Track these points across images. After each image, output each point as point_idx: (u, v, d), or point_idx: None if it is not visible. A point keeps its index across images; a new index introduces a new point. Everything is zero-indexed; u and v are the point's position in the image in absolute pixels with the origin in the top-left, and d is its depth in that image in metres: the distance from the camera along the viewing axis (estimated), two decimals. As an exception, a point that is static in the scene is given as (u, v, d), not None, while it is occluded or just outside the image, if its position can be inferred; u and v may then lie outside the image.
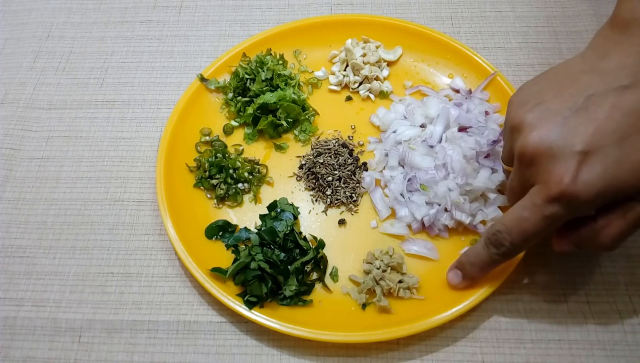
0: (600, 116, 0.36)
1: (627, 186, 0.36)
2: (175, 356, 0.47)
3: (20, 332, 0.48)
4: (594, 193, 0.36)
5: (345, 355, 0.46)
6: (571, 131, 0.37)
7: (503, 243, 0.41)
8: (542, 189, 0.37)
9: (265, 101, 0.56)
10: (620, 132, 0.36)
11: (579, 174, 0.36)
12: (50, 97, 0.62)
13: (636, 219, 0.38)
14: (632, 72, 0.37)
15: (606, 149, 0.36)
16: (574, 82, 0.39)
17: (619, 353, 0.45)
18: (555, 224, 0.39)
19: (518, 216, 0.39)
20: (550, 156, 0.37)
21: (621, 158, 0.36)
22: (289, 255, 0.48)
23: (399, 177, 0.52)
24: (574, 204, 0.37)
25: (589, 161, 0.36)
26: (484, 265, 0.43)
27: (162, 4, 0.69)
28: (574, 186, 0.36)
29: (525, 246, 0.41)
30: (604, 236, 0.39)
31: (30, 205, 0.55)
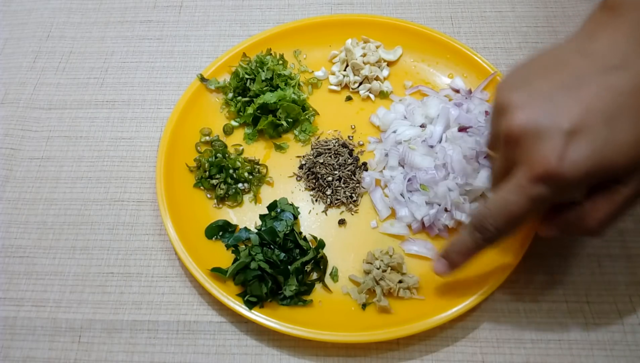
0: (588, 95, 0.36)
1: (615, 166, 0.35)
2: (175, 356, 0.47)
3: (20, 332, 0.48)
4: (581, 173, 0.35)
5: (345, 355, 0.46)
6: (559, 110, 0.36)
7: (488, 228, 0.40)
8: (528, 169, 0.36)
9: (265, 101, 0.56)
10: (609, 112, 0.35)
11: (565, 153, 0.35)
12: (50, 97, 0.62)
13: (623, 202, 0.37)
14: (620, 53, 0.36)
15: (594, 128, 0.35)
16: (563, 64, 0.38)
17: (619, 353, 0.45)
18: (540, 207, 0.38)
19: (502, 199, 0.38)
20: (536, 135, 0.36)
21: (610, 137, 0.35)
22: (289, 255, 0.48)
23: (399, 177, 0.52)
24: (560, 185, 0.36)
25: (576, 140, 0.35)
26: (469, 251, 0.42)
27: (162, 4, 0.69)
28: (561, 165, 0.35)
29: (511, 231, 0.40)
30: (590, 220, 0.38)
31: (30, 205, 0.55)
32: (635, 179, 0.37)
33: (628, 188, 0.37)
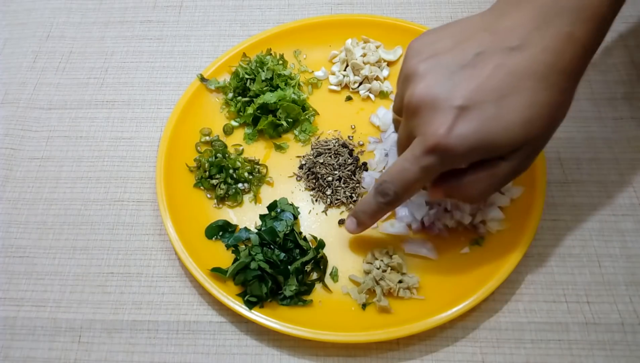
0: (483, 73, 0.37)
1: (498, 143, 0.37)
2: (175, 356, 0.47)
3: (20, 332, 0.48)
4: (467, 147, 0.37)
5: (345, 355, 0.46)
6: (455, 85, 0.37)
7: (388, 192, 0.42)
8: (421, 140, 0.38)
9: (265, 101, 0.56)
10: (499, 90, 0.37)
11: (454, 127, 0.37)
12: (50, 97, 0.62)
13: (502, 177, 0.40)
14: (522, 34, 0.37)
15: (483, 105, 0.37)
16: (469, 38, 0.39)
17: (619, 353, 0.45)
18: (432, 175, 0.40)
19: (400, 166, 0.41)
20: (432, 108, 0.38)
21: (496, 115, 0.37)
22: (289, 255, 0.48)
23: (399, 177, 0.52)
24: (447, 156, 0.38)
25: (465, 115, 0.37)
26: (373, 212, 0.45)
27: (162, 4, 0.69)
28: (448, 138, 0.37)
29: (408, 195, 0.43)
30: (471, 189, 0.40)
31: (30, 205, 0.55)
32: (516, 157, 0.39)
33: (509, 163, 0.39)
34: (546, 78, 0.37)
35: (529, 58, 0.37)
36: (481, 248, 0.49)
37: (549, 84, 0.37)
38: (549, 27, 0.37)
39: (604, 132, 0.56)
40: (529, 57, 0.37)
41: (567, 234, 0.50)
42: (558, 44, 0.37)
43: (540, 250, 0.50)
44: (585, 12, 0.37)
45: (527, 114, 0.37)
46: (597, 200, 0.52)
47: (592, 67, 0.60)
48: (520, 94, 0.37)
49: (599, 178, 0.53)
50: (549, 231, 0.51)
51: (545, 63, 0.37)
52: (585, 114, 0.57)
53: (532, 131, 0.38)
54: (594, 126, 0.56)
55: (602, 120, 0.57)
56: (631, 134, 0.55)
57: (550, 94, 0.37)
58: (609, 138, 0.55)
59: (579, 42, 0.37)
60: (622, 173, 0.53)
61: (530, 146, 0.39)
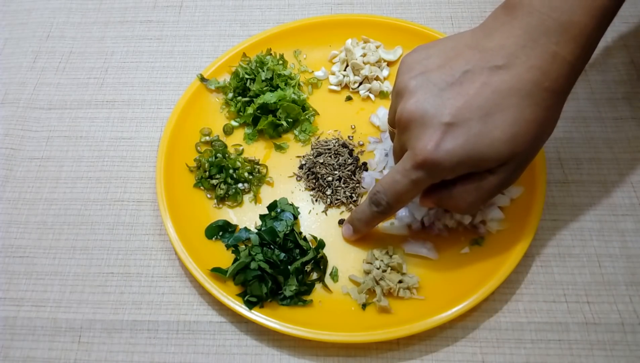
0: (470, 91, 0.39)
1: (484, 158, 0.39)
2: (175, 356, 0.47)
3: (20, 332, 0.48)
4: (454, 162, 0.39)
5: (345, 355, 0.46)
6: (443, 102, 0.39)
7: (381, 202, 0.44)
8: (411, 155, 0.40)
9: (265, 101, 0.56)
10: (485, 108, 0.38)
11: (441, 143, 0.39)
12: (50, 97, 0.62)
13: (489, 189, 0.41)
14: (507, 54, 0.38)
15: (470, 123, 0.38)
16: (458, 56, 0.40)
17: (619, 353, 0.45)
18: (421, 187, 0.42)
19: (392, 178, 0.43)
20: (421, 123, 0.40)
21: (482, 132, 0.38)
22: (289, 255, 0.48)
23: (399, 177, 0.52)
24: (435, 170, 0.40)
25: (452, 132, 0.38)
26: (368, 220, 0.47)
27: (162, 4, 0.69)
28: (436, 153, 0.39)
29: (400, 205, 0.45)
30: (460, 200, 0.42)
31: (30, 205, 0.55)
32: (502, 171, 0.40)
33: (495, 177, 0.41)
34: (531, 96, 0.38)
35: (514, 76, 0.38)
36: (481, 248, 0.49)
37: (534, 102, 0.38)
38: (535, 46, 0.38)
39: (604, 132, 0.56)
40: (514, 76, 0.38)
41: (567, 234, 0.50)
42: (544, 63, 0.38)
43: (540, 250, 0.50)
44: (571, 32, 0.37)
45: (512, 131, 0.38)
46: (597, 200, 0.52)
47: (592, 67, 0.60)
48: (505, 111, 0.38)
49: (599, 178, 0.53)
50: (549, 231, 0.51)
51: (530, 81, 0.38)
52: (585, 114, 0.57)
53: (517, 147, 0.39)
54: (594, 126, 0.56)
55: (602, 120, 0.57)
56: (631, 134, 0.55)
57: (535, 111, 0.38)
58: (609, 138, 0.55)
59: (564, 60, 0.38)
60: (622, 173, 0.53)
61: (516, 161, 0.40)
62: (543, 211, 0.49)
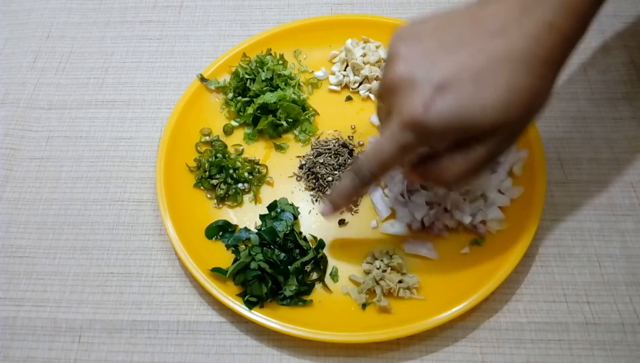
0: (464, 57, 0.38)
1: (475, 123, 0.38)
2: (175, 356, 0.47)
3: (20, 332, 0.48)
4: (443, 124, 0.37)
5: (345, 355, 0.46)
6: (435, 65, 0.38)
7: (364, 171, 0.42)
8: (399, 117, 0.39)
9: (265, 101, 0.56)
10: (479, 72, 0.37)
11: (432, 104, 0.37)
12: (50, 97, 0.62)
13: (477, 160, 0.40)
14: (503, 22, 0.38)
15: (462, 86, 0.37)
16: (452, 25, 0.40)
17: (619, 353, 0.45)
18: (407, 153, 0.40)
19: (377, 146, 0.41)
20: (410, 85, 0.38)
21: (474, 95, 0.37)
22: (289, 255, 0.48)
23: (399, 177, 0.52)
24: (423, 133, 0.38)
25: (444, 93, 0.37)
26: (349, 194, 0.45)
27: (162, 4, 0.69)
28: (426, 114, 0.37)
29: (383, 173, 0.42)
30: (447, 172, 0.41)
31: (30, 205, 0.55)
32: (492, 141, 0.39)
33: (484, 148, 0.39)
34: (526, 63, 0.38)
35: (509, 44, 0.38)
36: (481, 248, 0.49)
37: (528, 70, 0.38)
38: (530, 15, 0.38)
39: (604, 132, 0.56)
40: (509, 43, 0.38)
41: (567, 234, 0.50)
42: (538, 32, 0.37)
43: (540, 250, 0.50)
44: (567, 3, 0.38)
45: (505, 97, 0.37)
46: (597, 200, 0.52)
47: (592, 67, 0.60)
48: (499, 76, 0.37)
49: (599, 178, 0.53)
50: (549, 231, 0.51)
51: (525, 49, 0.37)
52: (585, 114, 0.57)
53: (510, 113, 0.38)
54: (594, 126, 0.56)
55: (602, 120, 0.57)
56: (631, 134, 0.55)
57: (529, 79, 0.38)
58: (609, 138, 0.55)
59: (559, 31, 0.38)
60: (622, 173, 0.53)
61: (507, 130, 0.39)
62: (543, 211, 0.49)
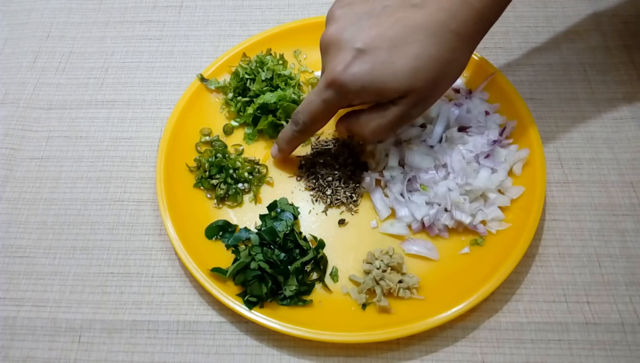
0: (385, 24, 0.42)
1: (386, 87, 0.42)
2: (175, 356, 0.47)
3: (20, 332, 0.48)
4: (358, 85, 0.43)
5: (345, 355, 0.46)
6: (359, 31, 0.43)
7: (299, 121, 0.48)
8: (324, 76, 0.44)
9: (265, 101, 0.56)
10: (394, 40, 0.42)
11: (349, 66, 0.42)
12: (50, 97, 0.62)
13: (391, 119, 0.45)
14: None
15: (378, 52, 0.42)
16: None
17: (619, 353, 0.45)
18: (332, 108, 0.46)
19: (308, 99, 0.47)
20: (337, 47, 0.43)
21: (387, 61, 0.42)
22: (289, 255, 0.48)
23: (399, 177, 0.52)
24: (342, 92, 0.44)
25: (361, 57, 0.42)
26: (289, 139, 0.51)
27: (162, 4, 0.69)
28: (343, 75, 0.43)
29: (315, 125, 0.49)
30: (365, 126, 0.46)
31: (30, 205, 0.55)
32: (403, 104, 0.44)
33: (397, 108, 0.44)
34: (437, 35, 0.41)
35: (425, 15, 0.42)
36: (481, 248, 0.49)
37: (439, 40, 0.41)
38: None
39: (604, 132, 0.56)
40: (425, 15, 0.42)
41: (567, 234, 0.51)
42: (452, 6, 0.41)
43: (540, 250, 0.50)
44: None
45: (414, 64, 0.42)
46: (597, 200, 0.52)
47: (592, 67, 0.60)
48: (411, 45, 0.41)
49: (599, 178, 0.53)
50: (549, 231, 0.51)
51: (438, 21, 0.41)
52: (585, 114, 0.57)
53: (417, 80, 0.42)
54: (594, 126, 0.56)
55: (602, 120, 0.57)
56: (631, 134, 0.55)
57: (438, 50, 0.42)
58: (609, 138, 0.55)
59: (473, 7, 0.42)
60: (622, 173, 0.53)
61: (415, 95, 0.43)
62: (543, 211, 0.49)
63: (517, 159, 0.52)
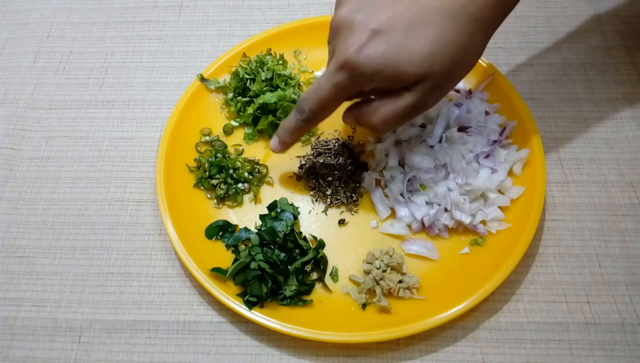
0: (401, 5, 0.40)
1: (401, 70, 0.40)
2: (175, 356, 0.47)
3: (20, 332, 0.48)
4: (373, 67, 0.40)
5: (345, 355, 0.46)
6: (374, 11, 0.41)
7: (305, 109, 0.45)
8: (335, 58, 0.42)
9: (265, 101, 0.56)
10: (411, 22, 0.40)
11: (364, 47, 0.40)
12: (50, 97, 0.62)
13: (404, 107, 0.42)
14: None
15: (394, 33, 0.40)
16: None
17: (619, 353, 0.45)
18: (343, 93, 0.43)
19: (316, 84, 0.44)
20: (349, 28, 0.41)
21: (403, 43, 0.40)
22: (289, 255, 0.48)
23: (399, 177, 0.52)
24: (355, 74, 0.41)
25: (376, 38, 0.40)
26: (293, 130, 0.48)
27: (162, 4, 0.69)
28: (358, 56, 0.40)
29: (322, 113, 0.45)
30: (376, 115, 0.43)
31: (30, 205, 0.55)
32: (419, 90, 0.41)
33: (411, 95, 0.42)
34: (455, 18, 0.40)
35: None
36: (481, 248, 0.49)
37: (457, 24, 0.40)
38: None
39: (604, 132, 0.56)
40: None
41: (567, 234, 0.51)
42: None
43: (540, 250, 0.50)
44: None
45: (431, 48, 0.40)
46: (597, 200, 0.52)
47: (592, 67, 0.60)
48: (429, 28, 0.40)
49: (599, 178, 0.53)
50: (549, 231, 0.51)
51: (457, 4, 0.40)
52: (585, 114, 0.57)
53: (434, 64, 0.40)
54: (594, 126, 0.56)
55: (602, 120, 0.57)
56: (631, 134, 0.55)
57: (456, 34, 0.40)
58: (609, 138, 0.55)
59: None
60: (622, 173, 0.53)
61: (432, 81, 0.41)
62: (543, 211, 0.49)
63: (517, 159, 0.52)
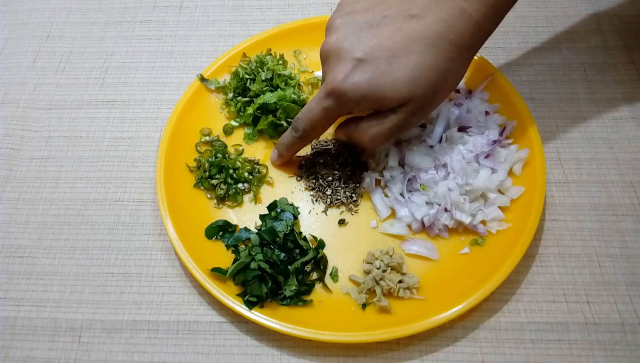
0: (384, 34, 0.43)
1: (385, 96, 0.43)
2: (175, 356, 0.47)
3: (20, 332, 0.48)
4: (358, 94, 0.43)
5: (345, 355, 0.46)
6: (359, 40, 0.43)
7: (299, 128, 0.49)
8: (325, 84, 0.45)
9: (265, 101, 0.56)
10: (393, 50, 0.42)
11: (350, 75, 0.43)
12: (50, 97, 0.62)
13: (390, 126, 0.45)
14: (422, 5, 0.43)
15: (378, 61, 0.43)
16: (382, 3, 0.44)
17: (619, 353, 0.45)
18: (332, 116, 0.47)
19: (309, 106, 0.48)
20: (337, 57, 0.44)
21: (386, 71, 0.42)
22: (289, 255, 0.48)
23: (399, 177, 0.52)
24: (342, 100, 0.44)
25: (361, 67, 0.43)
26: (289, 145, 0.52)
27: (162, 4, 0.69)
28: (344, 84, 0.43)
29: (315, 132, 0.49)
30: (364, 133, 0.47)
31: (30, 205, 0.55)
32: (403, 112, 0.44)
33: (396, 117, 0.45)
34: (435, 45, 0.42)
35: (423, 26, 0.42)
36: (481, 248, 0.49)
37: (437, 51, 0.42)
38: (447, 1, 0.42)
39: (604, 132, 0.56)
40: (423, 25, 0.42)
41: (567, 234, 0.51)
42: (451, 17, 0.42)
43: (540, 250, 0.50)
44: None
45: (413, 74, 0.42)
46: (597, 200, 0.52)
47: (592, 67, 0.60)
48: (409, 55, 0.42)
49: (599, 178, 0.53)
50: (549, 231, 0.51)
51: (436, 32, 0.42)
52: (585, 114, 0.57)
53: (416, 89, 0.43)
54: (594, 126, 0.56)
55: (602, 120, 0.57)
56: (631, 134, 0.55)
57: (437, 60, 0.42)
58: (609, 138, 0.55)
59: (470, 17, 0.42)
60: (622, 173, 0.53)
61: (415, 104, 0.44)
62: (543, 211, 0.49)
63: (517, 159, 0.52)
